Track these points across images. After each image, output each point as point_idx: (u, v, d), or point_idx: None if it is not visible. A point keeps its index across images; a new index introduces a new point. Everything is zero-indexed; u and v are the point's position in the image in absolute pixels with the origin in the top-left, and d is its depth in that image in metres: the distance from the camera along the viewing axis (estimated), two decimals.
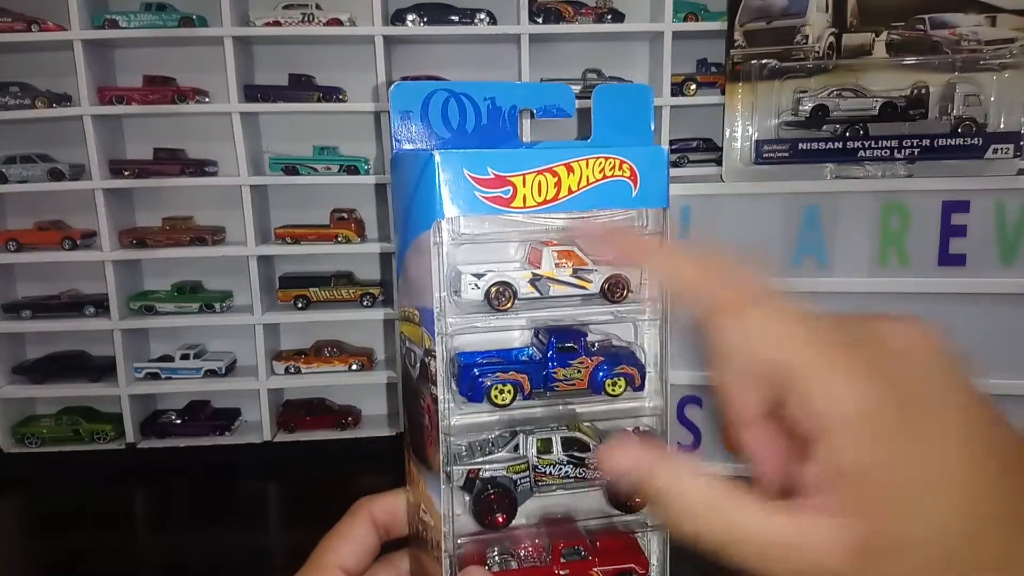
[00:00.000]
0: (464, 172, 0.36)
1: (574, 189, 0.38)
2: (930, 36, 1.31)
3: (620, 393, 0.41)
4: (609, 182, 0.38)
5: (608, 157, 0.38)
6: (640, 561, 0.41)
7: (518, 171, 0.37)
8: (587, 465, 0.40)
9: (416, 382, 0.40)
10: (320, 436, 1.55)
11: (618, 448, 0.30)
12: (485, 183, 0.37)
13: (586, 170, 0.38)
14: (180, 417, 1.54)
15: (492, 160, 0.37)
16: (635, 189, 0.38)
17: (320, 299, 1.53)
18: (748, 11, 1.36)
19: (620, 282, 0.41)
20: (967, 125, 1.30)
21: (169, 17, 1.41)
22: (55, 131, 1.49)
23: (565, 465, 0.41)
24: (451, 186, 0.36)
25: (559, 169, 0.37)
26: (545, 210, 0.38)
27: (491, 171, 0.37)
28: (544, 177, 0.37)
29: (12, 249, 1.47)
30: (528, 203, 0.37)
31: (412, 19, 1.43)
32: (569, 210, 0.38)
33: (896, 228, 1.30)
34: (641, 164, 0.38)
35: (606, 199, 0.38)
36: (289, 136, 1.53)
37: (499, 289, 0.40)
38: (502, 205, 0.37)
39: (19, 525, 1.39)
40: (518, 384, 0.40)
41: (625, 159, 0.38)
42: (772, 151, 1.36)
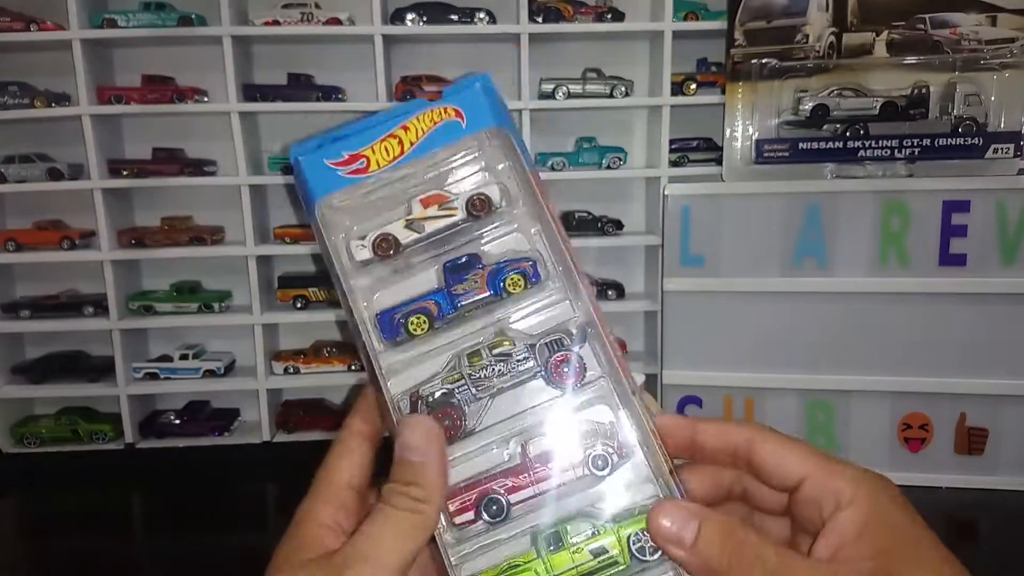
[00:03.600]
0: (324, 162, 0.44)
1: (414, 141, 0.45)
2: (930, 36, 1.31)
3: (521, 290, 0.45)
4: (440, 126, 0.45)
5: (433, 109, 0.45)
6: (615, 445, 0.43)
7: (366, 144, 0.45)
8: (515, 359, 0.44)
9: (361, 352, 0.45)
10: (320, 436, 1.55)
11: None
12: (343, 164, 0.44)
13: (418, 124, 0.45)
14: (179, 417, 1.54)
15: (343, 144, 0.45)
16: (463, 123, 0.45)
17: (319, 299, 1.53)
18: (748, 10, 1.36)
19: (478, 199, 0.46)
20: (967, 125, 1.30)
21: (168, 16, 1.41)
22: (54, 131, 1.49)
23: (495, 364, 0.44)
24: (316, 174, 0.44)
25: (398, 131, 0.45)
26: (395, 165, 0.45)
27: (345, 154, 0.45)
28: (388, 142, 0.45)
29: (11, 249, 1.46)
30: (381, 164, 0.44)
31: (412, 18, 1.43)
32: (414, 158, 0.45)
33: (896, 228, 1.30)
34: (461, 102, 0.45)
35: (441, 139, 0.45)
36: (288, 136, 1.53)
37: (379, 240, 0.45)
38: (361, 174, 0.44)
39: (18, 525, 1.39)
40: (426, 311, 0.45)
41: (446, 105, 0.45)
42: (772, 151, 1.36)
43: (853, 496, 0.37)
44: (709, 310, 1.37)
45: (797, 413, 1.38)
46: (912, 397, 1.34)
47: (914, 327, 1.32)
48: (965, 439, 1.34)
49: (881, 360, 1.33)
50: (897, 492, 0.38)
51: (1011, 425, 1.32)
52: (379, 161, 0.44)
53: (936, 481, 1.35)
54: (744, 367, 1.38)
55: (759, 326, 1.36)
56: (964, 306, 1.30)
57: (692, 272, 1.37)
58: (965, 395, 1.32)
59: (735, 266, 1.35)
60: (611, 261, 1.60)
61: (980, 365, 1.30)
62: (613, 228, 1.53)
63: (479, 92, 0.45)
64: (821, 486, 0.38)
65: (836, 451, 1.38)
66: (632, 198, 1.61)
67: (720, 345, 1.38)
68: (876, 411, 1.36)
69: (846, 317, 1.33)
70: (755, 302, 1.36)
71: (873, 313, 1.32)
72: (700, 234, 1.36)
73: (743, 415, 1.40)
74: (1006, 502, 1.31)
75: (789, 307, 1.35)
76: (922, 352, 1.32)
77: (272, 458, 1.52)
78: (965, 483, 1.34)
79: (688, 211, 1.36)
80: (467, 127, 0.45)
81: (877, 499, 0.37)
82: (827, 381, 1.36)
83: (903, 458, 1.36)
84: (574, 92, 1.46)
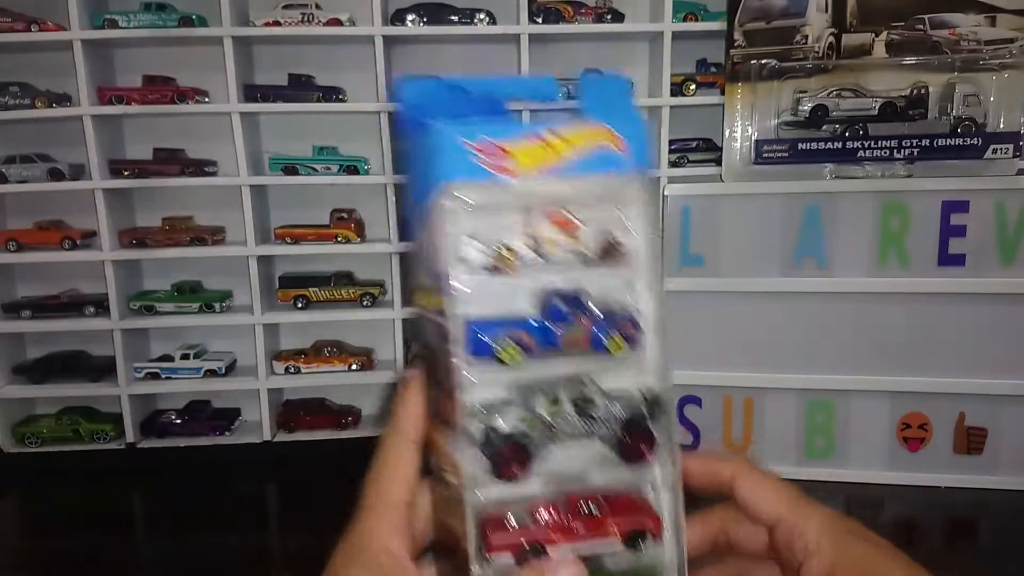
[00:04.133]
0: (461, 140, 0.38)
1: (569, 157, 0.40)
2: (930, 36, 1.31)
3: (620, 350, 0.43)
4: (597, 149, 0.41)
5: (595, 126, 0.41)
6: (653, 518, 0.44)
7: (511, 139, 0.39)
8: (595, 419, 0.43)
9: (434, 347, 0.42)
10: (320, 436, 1.55)
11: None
12: (482, 150, 0.39)
13: (575, 138, 0.40)
14: (180, 417, 1.54)
15: (488, 130, 0.39)
16: (622, 156, 0.41)
17: (320, 299, 1.53)
18: (748, 11, 1.36)
19: (613, 243, 0.43)
20: (967, 125, 1.30)
21: (169, 17, 1.41)
22: (55, 131, 1.49)
23: (574, 418, 0.43)
24: (450, 152, 0.38)
25: (549, 137, 0.40)
26: (541, 177, 0.40)
27: (487, 139, 0.39)
28: (538, 146, 0.39)
29: (12, 249, 1.47)
30: (525, 170, 0.39)
31: (412, 19, 1.43)
32: (565, 176, 0.40)
33: (896, 228, 1.31)
34: (626, 132, 0.41)
35: (596, 165, 0.41)
36: (289, 136, 1.53)
37: (502, 253, 0.42)
38: (500, 172, 0.39)
39: (19, 525, 1.39)
40: (523, 343, 0.42)
41: (611, 128, 0.41)
42: (772, 151, 1.36)
43: (818, 544, 0.40)
44: (709, 310, 1.38)
45: (797, 413, 1.39)
46: (911, 397, 1.34)
47: (913, 327, 1.32)
48: (964, 439, 1.34)
49: (880, 360, 1.33)
50: (859, 527, 0.42)
51: (1010, 425, 1.32)
52: (525, 164, 0.40)
53: (935, 481, 1.35)
54: (744, 367, 1.38)
55: (759, 326, 1.37)
56: (963, 306, 1.30)
57: (692, 272, 1.37)
58: (964, 395, 1.32)
59: (735, 266, 1.36)
60: None
61: (979, 365, 1.31)
62: None
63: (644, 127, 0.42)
64: (791, 531, 0.42)
65: (836, 451, 1.38)
66: None
67: (720, 345, 1.39)
68: (875, 411, 1.36)
69: (845, 317, 1.33)
70: (755, 302, 1.36)
71: (872, 313, 1.33)
72: (700, 234, 1.36)
73: (743, 415, 1.40)
74: (1005, 501, 1.31)
75: (789, 307, 1.35)
76: (921, 352, 1.32)
77: (273, 458, 1.53)
78: (964, 483, 1.34)
79: (688, 211, 1.36)
80: (626, 162, 0.41)
81: (840, 539, 0.40)
82: (827, 381, 1.36)
83: (902, 458, 1.36)
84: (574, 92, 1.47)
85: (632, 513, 0.43)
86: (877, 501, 1.34)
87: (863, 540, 0.41)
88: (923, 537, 1.25)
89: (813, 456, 1.38)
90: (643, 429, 0.44)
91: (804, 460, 1.37)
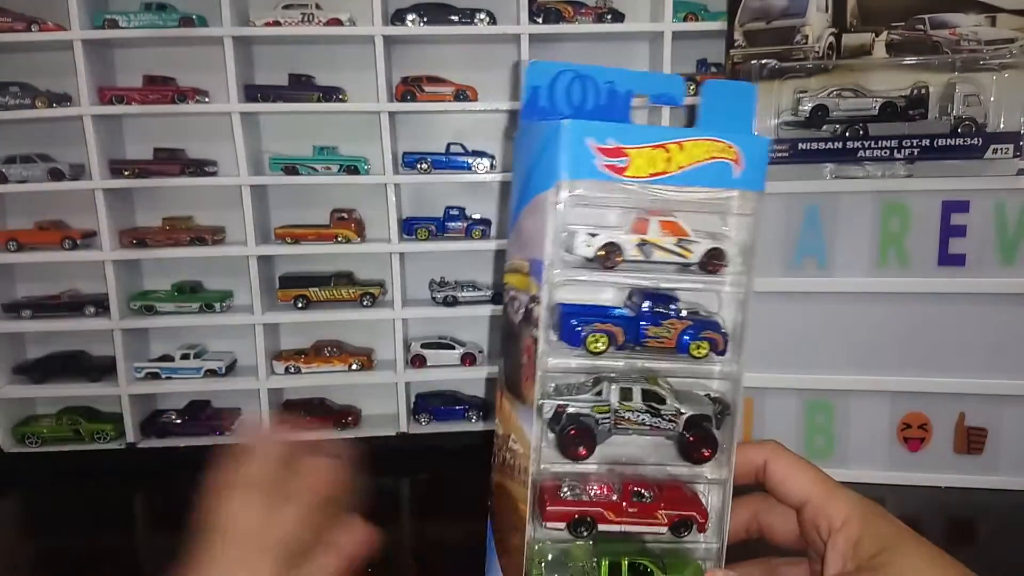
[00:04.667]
0: (586, 141, 0.39)
1: (683, 165, 0.41)
2: (930, 36, 1.31)
3: (703, 356, 0.46)
4: (714, 163, 0.41)
5: (716, 140, 0.41)
6: (701, 511, 0.46)
7: (635, 144, 0.40)
8: (662, 416, 0.45)
9: (518, 326, 0.44)
10: (320, 436, 1.55)
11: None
12: (604, 152, 0.40)
13: (695, 149, 0.41)
14: (180, 417, 1.54)
15: (612, 132, 0.40)
16: (736, 171, 0.42)
17: (320, 299, 1.54)
18: (748, 11, 1.36)
19: (719, 255, 0.45)
20: (967, 125, 1.30)
21: (169, 17, 1.41)
22: (55, 131, 1.49)
23: (643, 413, 0.45)
24: (573, 152, 0.39)
25: (671, 146, 0.41)
26: (655, 182, 0.41)
27: (611, 142, 0.40)
28: (658, 152, 0.41)
29: (12, 249, 1.47)
30: (641, 174, 0.40)
31: (412, 19, 1.43)
32: (677, 184, 0.41)
33: (896, 228, 1.31)
34: (746, 149, 0.42)
35: (710, 178, 0.42)
36: (289, 136, 1.53)
37: (610, 248, 0.43)
38: (617, 173, 0.40)
39: (19, 525, 1.39)
40: (612, 335, 0.44)
41: (732, 144, 0.41)
42: (772, 151, 1.36)
43: (846, 518, 0.42)
44: None
45: (796, 413, 1.39)
46: (911, 397, 1.34)
47: (913, 327, 1.32)
48: (964, 439, 1.35)
49: (880, 360, 1.33)
50: (885, 511, 0.43)
51: (1010, 425, 1.33)
52: (641, 168, 0.41)
53: (935, 481, 1.35)
54: None
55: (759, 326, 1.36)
56: (963, 306, 1.30)
57: None
58: (964, 395, 1.33)
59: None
60: None
61: (979, 365, 1.31)
62: None
63: (766, 147, 0.42)
64: (819, 510, 0.43)
65: (836, 451, 1.38)
66: None
67: None
68: (875, 411, 1.36)
69: (846, 317, 1.33)
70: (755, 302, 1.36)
71: (872, 313, 1.33)
72: None
73: (742, 415, 1.40)
74: (1005, 502, 1.31)
75: (789, 307, 1.35)
76: (921, 352, 1.32)
77: None
78: (964, 483, 1.34)
79: None
80: (740, 178, 0.42)
81: (866, 518, 0.42)
82: (826, 381, 1.36)
83: (902, 458, 1.36)
84: None
85: (681, 504, 0.46)
86: (877, 501, 1.34)
87: (888, 520, 0.42)
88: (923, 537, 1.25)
89: (813, 456, 1.37)
90: (707, 433, 0.46)
91: None
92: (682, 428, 0.46)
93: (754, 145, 0.42)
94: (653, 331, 0.45)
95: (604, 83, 0.44)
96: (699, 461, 0.46)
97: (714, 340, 0.47)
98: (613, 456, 0.46)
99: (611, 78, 0.44)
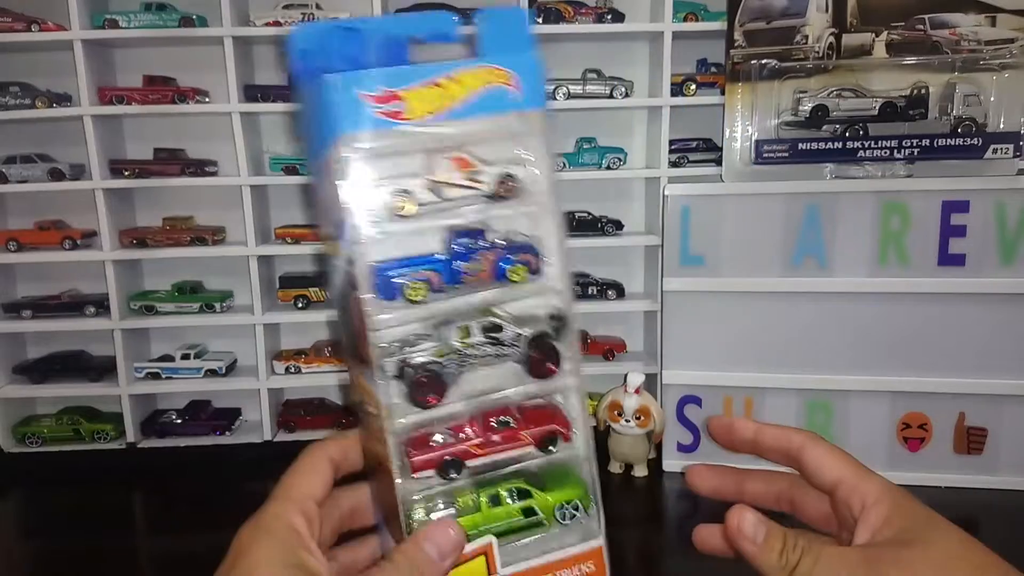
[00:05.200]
0: (355, 91, 0.39)
1: (459, 98, 0.41)
2: (930, 36, 1.31)
3: (522, 280, 0.46)
4: (491, 89, 0.41)
5: (487, 67, 0.41)
6: (562, 423, 0.48)
7: (405, 85, 0.40)
8: (503, 343, 0.47)
9: (343, 292, 0.45)
10: (320, 436, 1.55)
11: None
12: (377, 99, 0.39)
13: (468, 79, 0.41)
14: (180, 417, 1.55)
15: (380, 78, 0.39)
16: (515, 94, 0.42)
17: (320, 299, 1.54)
18: (748, 11, 1.36)
19: (509, 179, 0.45)
20: (967, 125, 1.30)
21: (169, 17, 1.41)
22: (55, 131, 1.49)
23: (484, 345, 0.46)
24: (345, 105, 0.39)
25: (443, 81, 0.40)
26: (435, 120, 0.41)
27: (380, 88, 0.39)
28: (431, 89, 0.40)
29: (12, 249, 1.47)
30: (419, 114, 0.40)
31: None
32: (457, 118, 0.41)
33: (896, 228, 1.31)
34: (519, 70, 0.42)
35: (489, 105, 0.41)
36: (289, 136, 1.53)
37: (401, 199, 0.43)
38: (395, 118, 0.40)
39: (19, 525, 1.39)
40: (428, 280, 0.45)
41: (501, 67, 0.42)
42: (772, 151, 1.36)
43: (878, 498, 0.43)
44: (709, 310, 1.38)
45: (796, 413, 1.39)
46: (911, 397, 1.35)
47: (913, 327, 1.32)
48: (964, 439, 1.35)
49: (880, 360, 1.33)
50: (914, 497, 0.44)
51: (1010, 425, 1.33)
52: (417, 109, 0.40)
53: (935, 481, 1.35)
54: (744, 367, 1.38)
55: (759, 326, 1.37)
56: (963, 306, 1.30)
57: (692, 272, 1.37)
58: (964, 395, 1.33)
59: (735, 266, 1.36)
60: (611, 261, 1.60)
61: (979, 365, 1.31)
62: (613, 228, 1.54)
63: (537, 64, 0.42)
64: (852, 489, 0.44)
65: None
66: (632, 198, 1.61)
67: (720, 345, 1.39)
68: (875, 411, 1.36)
69: (846, 317, 1.34)
70: (755, 302, 1.36)
71: (872, 313, 1.33)
72: (700, 234, 1.36)
73: (742, 415, 1.40)
74: (1005, 502, 1.31)
75: (789, 307, 1.35)
76: (921, 352, 1.32)
77: (273, 457, 1.52)
78: (964, 483, 1.34)
79: (688, 211, 1.36)
80: (520, 101, 0.42)
81: (897, 500, 0.43)
82: (826, 381, 1.36)
83: (902, 458, 1.36)
84: (574, 93, 1.47)
85: (543, 421, 0.47)
86: None
87: (920, 504, 0.43)
88: None
89: None
90: (549, 347, 0.47)
91: None
92: (525, 349, 0.47)
93: (526, 65, 0.42)
94: (467, 267, 0.45)
95: (377, 35, 0.43)
96: (547, 375, 0.47)
97: (527, 261, 0.46)
98: (473, 393, 0.47)
99: (381, 27, 0.43)
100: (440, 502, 0.46)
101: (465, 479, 0.47)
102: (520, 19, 0.46)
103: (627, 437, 1.38)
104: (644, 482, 1.40)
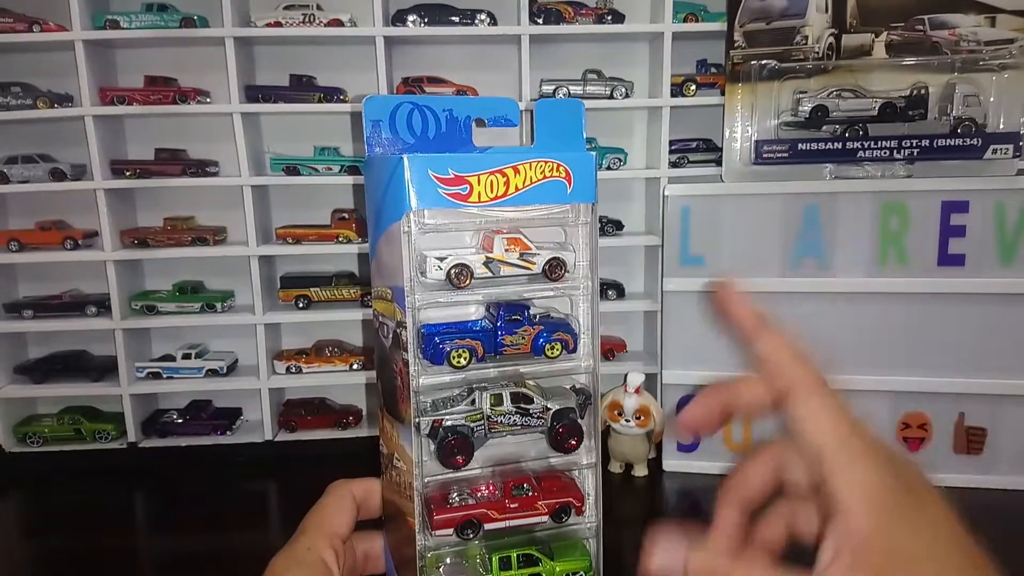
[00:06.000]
0: (428, 172, 0.43)
1: (520, 187, 0.45)
2: (929, 37, 1.32)
3: (557, 355, 0.50)
4: (548, 182, 0.46)
5: (547, 161, 0.46)
6: (577, 496, 0.50)
7: (474, 172, 0.44)
8: (531, 415, 0.50)
9: (389, 350, 0.48)
10: (321, 435, 1.55)
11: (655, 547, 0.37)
12: (446, 182, 0.44)
13: (529, 171, 0.45)
14: (181, 416, 1.55)
15: (452, 163, 0.44)
16: (569, 188, 0.46)
17: (321, 299, 1.54)
18: (748, 12, 1.36)
19: (559, 264, 0.49)
20: (967, 125, 1.31)
21: (170, 18, 1.41)
22: (56, 131, 1.50)
23: (513, 415, 0.49)
24: (418, 184, 0.43)
25: (507, 171, 0.45)
26: (496, 205, 0.45)
27: (451, 172, 0.44)
28: (495, 177, 0.45)
29: (14, 249, 1.47)
30: (483, 198, 0.45)
31: (413, 20, 1.44)
32: (516, 204, 0.46)
33: (896, 228, 1.31)
34: (574, 167, 0.46)
35: (546, 196, 0.46)
36: (290, 136, 1.54)
37: (458, 270, 0.48)
38: (461, 200, 0.44)
39: (20, 524, 1.39)
40: (472, 349, 0.48)
41: (561, 163, 0.46)
42: (772, 151, 1.37)
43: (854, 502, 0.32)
44: (709, 310, 1.38)
45: None
46: (911, 397, 1.35)
47: (913, 327, 1.32)
48: (964, 439, 1.35)
49: (880, 360, 1.34)
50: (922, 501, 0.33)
51: (1010, 425, 1.33)
52: (483, 194, 0.45)
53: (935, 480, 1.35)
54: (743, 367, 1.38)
55: None
56: (963, 306, 1.30)
57: (692, 272, 1.37)
58: (964, 395, 1.33)
59: (735, 266, 1.36)
60: (611, 261, 1.60)
61: (979, 365, 1.31)
62: (613, 228, 1.54)
63: (592, 163, 0.47)
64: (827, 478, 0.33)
65: None
66: (632, 198, 1.61)
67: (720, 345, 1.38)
68: (875, 411, 1.36)
69: (845, 317, 1.34)
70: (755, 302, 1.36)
71: (872, 313, 1.33)
72: (700, 234, 1.36)
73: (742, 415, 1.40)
74: (1005, 501, 1.31)
75: (789, 307, 1.35)
76: (921, 352, 1.32)
77: (274, 457, 1.53)
78: (964, 482, 1.34)
79: (688, 211, 1.36)
80: (571, 194, 0.47)
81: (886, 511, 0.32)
82: None
83: None
84: (574, 93, 1.47)
85: (559, 492, 0.50)
86: None
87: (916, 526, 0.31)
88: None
89: None
90: (573, 424, 0.50)
91: None
92: (551, 422, 0.50)
93: (582, 163, 0.46)
94: (509, 339, 0.49)
95: (443, 111, 0.48)
96: (569, 450, 0.50)
97: (564, 340, 0.50)
98: (496, 457, 0.50)
99: (449, 105, 0.48)
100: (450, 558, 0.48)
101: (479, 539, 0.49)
102: (577, 111, 0.50)
103: (627, 437, 1.38)
104: (644, 481, 1.40)
